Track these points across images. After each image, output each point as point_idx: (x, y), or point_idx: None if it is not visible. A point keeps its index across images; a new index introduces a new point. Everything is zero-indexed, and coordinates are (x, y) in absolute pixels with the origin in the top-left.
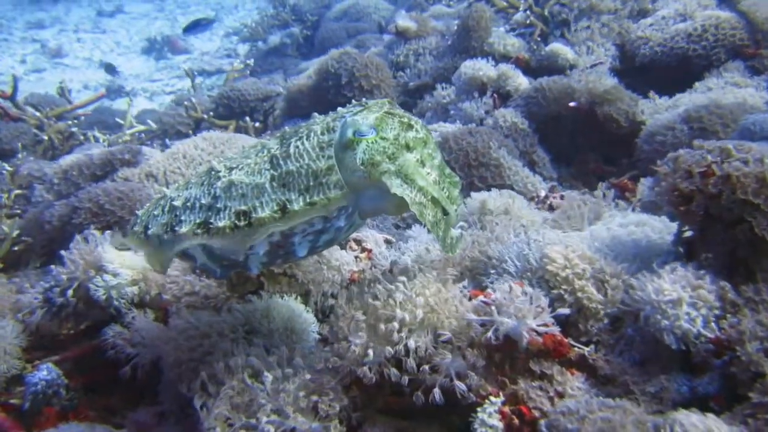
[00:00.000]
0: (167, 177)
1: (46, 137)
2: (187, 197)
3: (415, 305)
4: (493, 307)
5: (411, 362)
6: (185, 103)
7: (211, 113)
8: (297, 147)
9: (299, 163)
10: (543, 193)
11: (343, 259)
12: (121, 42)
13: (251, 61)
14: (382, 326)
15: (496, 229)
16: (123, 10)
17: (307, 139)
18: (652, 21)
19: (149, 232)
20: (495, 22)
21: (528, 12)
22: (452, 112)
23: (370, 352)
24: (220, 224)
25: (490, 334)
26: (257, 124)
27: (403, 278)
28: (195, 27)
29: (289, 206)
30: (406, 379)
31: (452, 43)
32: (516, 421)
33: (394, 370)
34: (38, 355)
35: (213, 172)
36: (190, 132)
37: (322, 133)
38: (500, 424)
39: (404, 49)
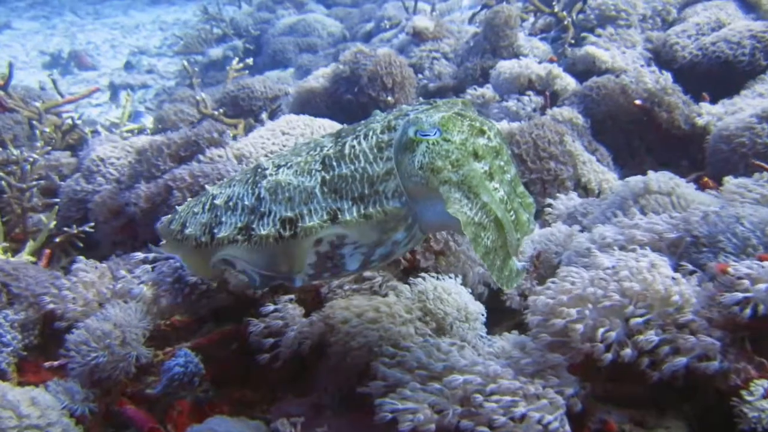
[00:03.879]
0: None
1: (48, 129)
2: (230, 196)
3: (644, 281)
4: (746, 282)
5: (648, 341)
6: (196, 98)
7: (222, 110)
8: (353, 147)
9: (354, 166)
10: None
11: None
12: (18, 57)
13: (250, 60)
14: (611, 301)
15: (674, 211)
16: (11, 26)
17: (364, 139)
18: (685, 27)
19: (186, 231)
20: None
21: (553, 18)
22: (495, 110)
23: (606, 329)
24: (263, 232)
25: (748, 311)
26: None
27: (632, 252)
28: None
29: (340, 216)
30: (646, 360)
31: (475, 45)
32: None
33: (630, 351)
34: (154, 343)
35: (260, 170)
36: None
37: (382, 132)
38: None
39: (419, 50)
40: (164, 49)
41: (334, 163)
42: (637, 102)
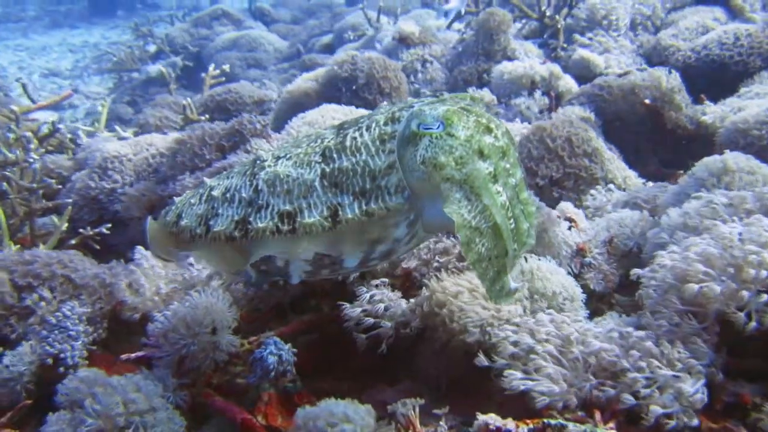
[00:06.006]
0: None
1: (29, 134)
2: (227, 187)
3: None
4: None
5: None
6: (183, 103)
7: (206, 116)
8: (354, 139)
9: (355, 159)
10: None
11: (563, 231)
12: None
13: (227, 66)
14: (750, 269)
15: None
16: None
17: (366, 131)
18: (675, 32)
19: (181, 222)
20: None
21: (538, 23)
22: (502, 111)
23: (748, 294)
24: (260, 225)
25: None
26: None
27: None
28: None
29: (341, 212)
30: None
31: (464, 50)
32: None
33: None
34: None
35: (258, 161)
36: None
37: (385, 124)
38: None
39: (408, 54)
40: (77, 71)
41: (335, 156)
42: (647, 101)
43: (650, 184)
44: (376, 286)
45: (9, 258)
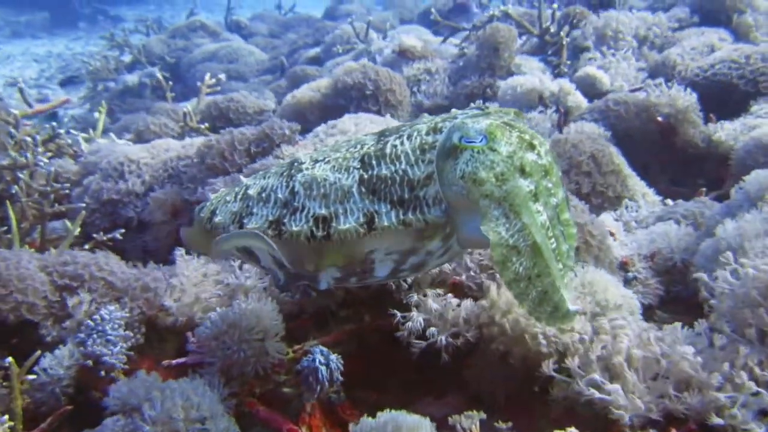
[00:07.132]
0: None
1: (29, 138)
2: (263, 187)
3: None
4: None
5: None
6: (182, 110)
7: (207, 124)
8: (394, 147)
9: (394, 167)
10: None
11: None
12: None
13: (223, 76)
14: None
15: None
16: None
17: (408, 139)
18: (680, 51)
19: (215, 219)
20: None
21: (538, 40)
22: None
23: None
24: (295, 228)
25: None
26: None
27: None
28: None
29: (377, 220)
30: None
31: (465, 65)
32: None
33: None
34: None
35: (296, 163)
36: None
37: (427, 134)
38: None
39: (411, 68)
40: (42, 81)
41: (374, 162)
42: (659, 119)
43: (669, 201)
44: (425, 295)
45: (47, 258)
